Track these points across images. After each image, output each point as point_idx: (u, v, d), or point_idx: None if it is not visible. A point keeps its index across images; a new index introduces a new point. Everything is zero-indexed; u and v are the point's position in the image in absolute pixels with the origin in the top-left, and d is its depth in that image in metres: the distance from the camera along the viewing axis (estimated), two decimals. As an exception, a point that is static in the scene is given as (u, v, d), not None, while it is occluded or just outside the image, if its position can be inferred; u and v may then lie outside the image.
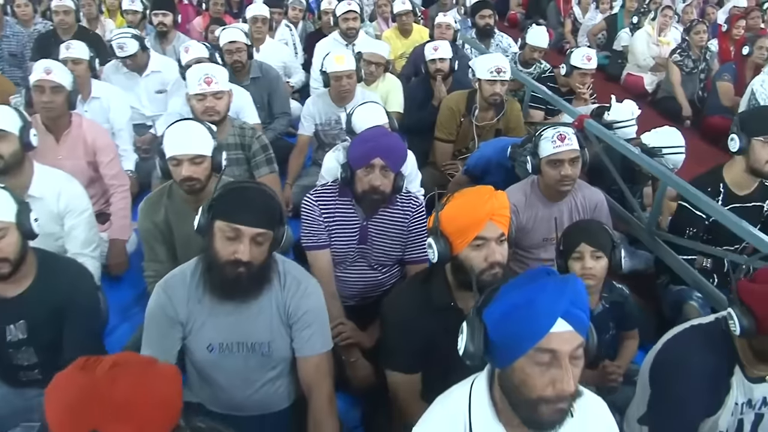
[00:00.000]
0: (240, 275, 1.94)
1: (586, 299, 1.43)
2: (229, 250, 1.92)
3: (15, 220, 2.10)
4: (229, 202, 1.96)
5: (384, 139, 2.65)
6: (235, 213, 1.92)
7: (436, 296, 2.09)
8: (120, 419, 1.20)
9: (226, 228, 1.91)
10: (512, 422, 1.49)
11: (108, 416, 1.20)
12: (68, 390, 1.24)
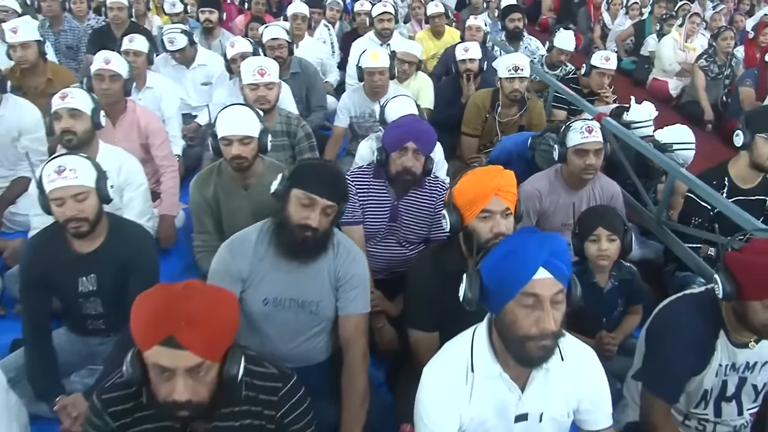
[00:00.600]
0: (307, 239, 2.24)
1: (567, 254, 1.70)
2: (301, 215, 2.22)
3: (95, 185, 2.42)
4: (309, 175, 2.27)
5: (416, 125, 2.94)
6: (313, 185, 2.23)
7: (450, 263, 2.36)
8: (192, 327, 1.49)
9: (303, 196, 2.22)
10: (507, 363, 1.76)
11: (182, 324, 1.49)
12: (150, 303, 1.54)
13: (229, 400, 1.64)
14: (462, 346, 1.82)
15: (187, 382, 1.50)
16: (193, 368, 1.50)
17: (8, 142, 3.90)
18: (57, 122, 3.10)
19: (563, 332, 1.72)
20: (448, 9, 6.82)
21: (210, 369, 1.55)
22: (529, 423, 1.82)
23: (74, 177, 2.37)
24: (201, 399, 1.53)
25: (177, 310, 1.50)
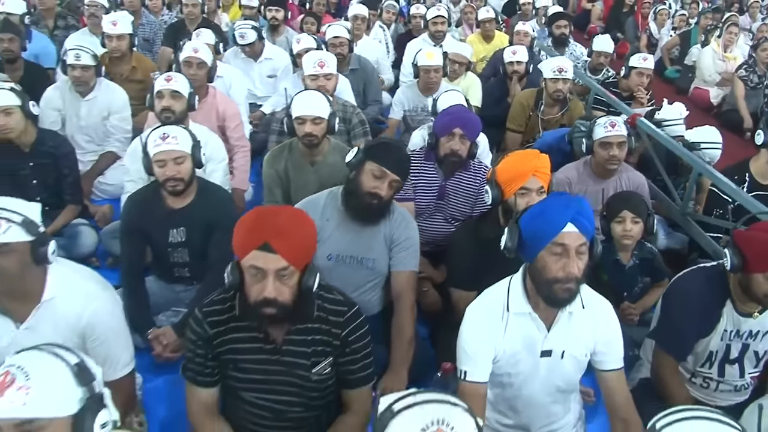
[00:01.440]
0: (373, 205, 2.67)
1: (591, 214, 2.06)
2: (372, 184, 2.65)
3: (191, 152, 2.86)
4: (384, 151, 2.69)
5: (463, 113, 3.34)
6: (386, 160, 2.65)
7: (488, 231, 2.74)
8: (282, 237, 1.89)
9: (376, 169, 2.64)
10: (538, 305, 2.12)
11: (274, 233, 1.89)
12: (251, 218, 1.96)
13: (304, 313, 2.03)
14: (500, 290, 2.19)
15: (275, 283, 1.89)
16: (280, 270, 1.89)
17: (99, 120, 4.40)
18: (159, 100, 3.56)
19: (585, 281, 2.07)
20: (498, 14, 7.18)
21: (293, 275, 1.93)
22: (552, 359, 2.17)
23: (175, 143, 2.82)
24: (285, 300, 1.91)
25: (272, 222, 1.92)
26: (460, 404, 1.36)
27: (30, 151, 3.57)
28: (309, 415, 2.16)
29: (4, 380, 1.36)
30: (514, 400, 2.24)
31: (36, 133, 3.58)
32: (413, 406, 1.33)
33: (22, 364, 1.40)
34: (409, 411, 1.33)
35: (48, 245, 2.09)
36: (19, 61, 4.89)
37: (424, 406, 1.33)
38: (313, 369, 2.09)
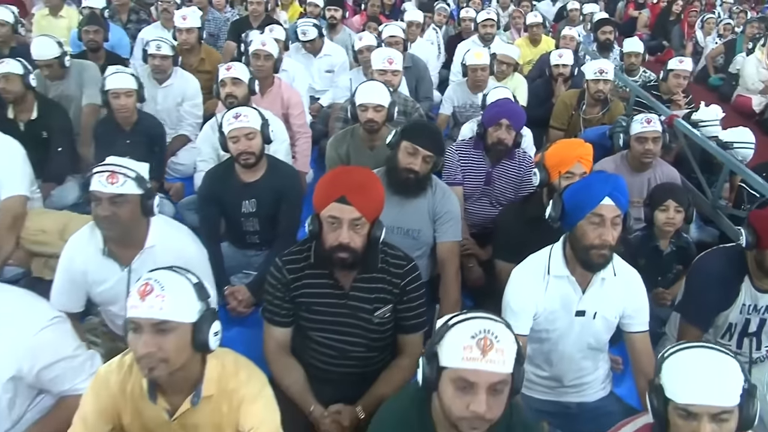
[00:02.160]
0: (410, 179, 2.99)
1: (626, 191, 2.36)
2: (408, 160, 2.96)
3: (260, 129, 3.22)
4: (417, 130, 3.02)
5: (509, 105, 3.66)
6: (418, 138, 2.97)
7: (531, 210, 3.04)
8: (357, 191, 2.24)
9: (409, 147, 2.96)
10: (575, 269, 2.42)
11: (350, 188, 2.24)
12: (331, 176, 2.34)
13: (370, 262, 2.37)
14: (542, 256, 2.49)
15: (348, 231, 2.23)
16: (354, 220, 2.23)
17: (173, 106, 4.82)
18: (222, 88, 3.96)
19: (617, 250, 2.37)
20: (545, 19, 7.45)
21: (364, 226, 2.27)
22: (585, 318, 2.46)
23: (247, 121, 3.19)
24: (356, 246, 2.25)
25: (349, 179, 2.28)
26: (501, 320, 1.68)
27: (130, 130, 4.04)
28: (369, 355, 2.49)
29: (144, 289, 1.72)
30: (550, 354, 2.54)
31: (138, 115, 4.03)
32: (465, 320, 1.66)
33: (158, 278, 1.75)
34: (461, 323, 1.66)
35: (154, 199, 2.47)
36: (102, 50, 5.35)
37: (473, 320, 1.66)
38: (374, 313, 2.42)
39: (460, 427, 1.66)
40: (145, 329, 1.71)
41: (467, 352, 1.62)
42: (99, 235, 2.53)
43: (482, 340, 1.62)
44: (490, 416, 1.63)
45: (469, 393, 1.62)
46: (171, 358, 1.73)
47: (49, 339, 2.09)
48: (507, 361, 1.64)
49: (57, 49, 4.59)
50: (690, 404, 1.64)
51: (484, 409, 1.61)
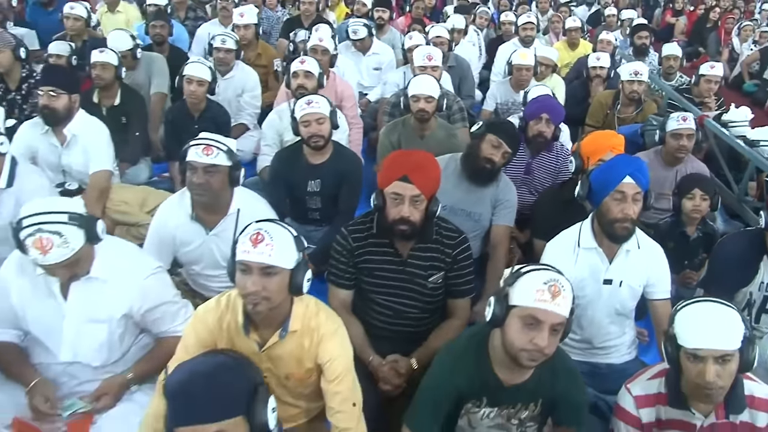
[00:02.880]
0: (486, 169, 3.34)
1: (647, 172, 2.67)
2: (490, 151, 3.33)
3: (329, 115, 3.57)
4: (504, 127, 3.40)
5: (550, 100, 3.99)
6: (504, 134, 3.33)
7: (567, 194, 3.34)
8: (417, 171, 2.57)
9: (495, 140, 3.31)
10: (602, 242, 2.74)
11: (412, 168, 2.57)
12: (395, 157, 2.69)
13: (426, 234, 2.70)
14: (573, 231, 2.81)
15: (409, 207, 2.56)
16: (414, 197, 2.56)
17: (233, 96, 5.20)
18: (294, 79, 4.32)
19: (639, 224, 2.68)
20: (583, 24, 7.73)
21: (422, 202, 2.60)
22: (612, 287, 2.77)
23: (318, 107, 3.54)
24: (415, 220, 2.59)
25: (411, 160, 2.63)
26: (564, 274, 2.02)
27: (198, 117, 4.44)
28: (422, 316, 2.82)
29: (256, 237, 2.06)
30: (580, 319, 2.84)
31: (206, 103, 4.42)
32: (538, 270, 2.01)
33: (268, 229, 2.09)
34: (535, 271, 2.01)
35: (240, 171, 2.84)
36: (166, 44, 5.77)
37: (545, 270, 2.02)
38: (429, 279, 2.76)
39: (520, 359, 2.00)
40: (254, 271, 2.06)
41: (539, 294, 1.96)
42: (188, 201, 2.91)
43: (552, 287, 1.96)
44: (548, 351, 1.98)
45: (534, 329, 1.96)
46: (272, 297, 2.08)
47: (155, 284, 2.47)
48: (567, 307, 1.98)
49: (131, 42, 5.04)
50: (698, 348, 1.95)
51: (545, 344, 1.94)
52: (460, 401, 2.19)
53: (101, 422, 2.35)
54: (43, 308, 2.39)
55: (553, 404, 2.18)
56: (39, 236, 2.16)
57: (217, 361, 1.79)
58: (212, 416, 1.52)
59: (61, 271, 2.27)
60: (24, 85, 4.71)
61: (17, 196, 3.00)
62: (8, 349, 2.47)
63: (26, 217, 2.20)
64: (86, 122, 3.83)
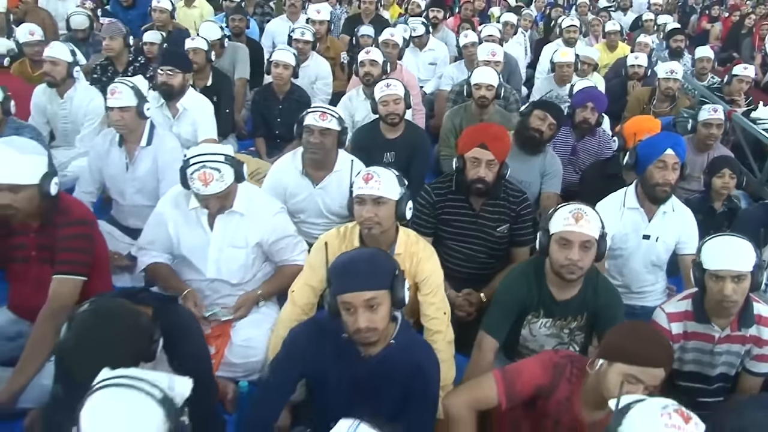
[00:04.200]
0: (535, 138, 3.95)
1: (684, 146, 3.24)
2: (537, 123, 3.95)
3: (404, 96, 4.15)
4: (547, 103, 4.10)
5: (594, 91, 4.58)
6: (548, 108, 3.99)
7: (611, 168, 3.92)
8: (493, 140, 3.18)
9: (541, 114, 3.96)
10: (644, 203, 3.30)
11: (489, 137, 3.18)
12: (476, 128, 3.31)
13: (496, 192, 3.29)
14: (619, 193, 3.39)
15: (485, 169, 3.16)
16: (489, 161, 3.16)
17: (308, 84, 5.80)
18: (362, 68, 4.92)
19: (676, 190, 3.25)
20: (623, 28, 8.26)
21: (496, 165, 3.20)
22: (650, 242, 3.34)
23: (395, 89, 4.13)
24: (489, 180, 3.19)
25: (488, 131, 3.25)
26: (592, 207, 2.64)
27: (283, 98, 5.06)
28: (489, 261, 3.42)
29: (367, 176, 2.68)
30: (622, 267, 3.42)
31: (290, 86, 5.05)
32: (566, 205, 2.63)
33: (376, 170, 2.71)
34: (564, 206, 2.65)
35: (346, 135, 3.45)
36: (243, 36, 6.42)
37: (571, 203, 2.66)
38: (497, 229, 3.35)
39: (562, 274, 2.59)
40: (368, 202, 2.67)
41: (566, 220, 2.55)
42: (299, 160, 3.54)
43: (576, 213, 2.55)
44: (581, 264, 2.56)
45: (567, 248, 2.55)
46: (383, 222, 2.69)
47: (280, 221, 3.10)
48: (593, 228, 2.56)
49: (219, 32, 5.71)
50: (719, 269, 2.50)
51: (577, 258, 2.53)
52: (522, 312, 2.77)
53: (239, 326, 2.98)
54: (194, 236, 3.03)
55: (595, 317, 2.75)
56: (203, 171, 2.79)
57: (371, 250, 2.40)
58: (369, 285, 2.10)
59: (214, 202, 2.90)
60: (130, 67, 5.37)
61: (154, 154, 3.67)
62: (165, 268, 3.11)
63: (193, 156, 2.83)
64: (195, 98, 4.49)
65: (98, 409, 1.49)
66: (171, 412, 1.53)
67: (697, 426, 1.57)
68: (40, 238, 2.80)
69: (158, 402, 1.52)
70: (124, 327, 1.88)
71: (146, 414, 1.50)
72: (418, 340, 2.40)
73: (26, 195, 2.65)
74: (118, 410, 1.49)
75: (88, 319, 1.88)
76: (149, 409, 1.50)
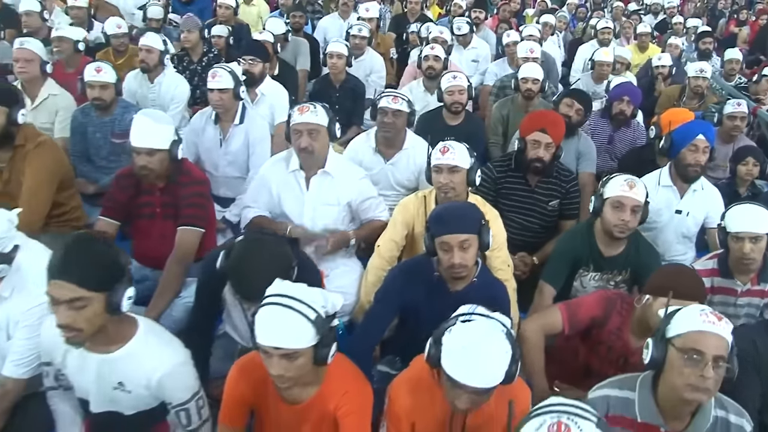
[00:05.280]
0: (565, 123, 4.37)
1: (713, 133, 3.72)
2: (565, 110, 4.40)
3: (467, 87, 4.66)
4: (577, 91, 4.56)
5: (630, 86, 5.09)
6: (576, 95, 4.47)
7: (647, 153, 4.40)
8: (551, 125, 3.69)
9: (569, 101, 4.46)
10: (677, 182, 3.79)
11: (548, 123, 3.70)
12: (537, 114, 3.89)
13: (550, 171, 3.78)
14: (655, 173, 3.86)
15: (544, 150, 3.66)
16: (548, 143, 3.66)
17: (363, 76, 6.29)
18: (425, 61, 5.42)
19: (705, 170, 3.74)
20: (653, 30, 8.72)
21: (553, 148, 3.70)
22: (681, 216, 3.82)
23: (461, 81, 4.64)
24: (546, 160, 3.69)
25: (547, 117, 3.78)
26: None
27: (339, 86, 5.59)
28: (541, 231, 3.91)
29: (444, 148, 3.20)
30: (655, 238, 3.86)
31: (346, 75, 5.57)
32: (618, 175, 3.09)
33: (452, 144, 3.22)
34: (617, 176, 3.10)
35: (414, 117, 3.98)
36: (301, 31, 6.96)
37: (623, 174, 3.09)
38: (549, 203, 3.86)
39: (614, 232, 3.10)
40: (444, 171, 3.18)
41: (621, 187, 3.07)
42: (372, 139, 4.06)
43: (629, 182, 3.08)
44: (630, 225, 3.07)
45: (620, 210, 3.05)
46: (457, 188, 3.21)
47: (366, 184, 3.62)
48: (641, 195, 3.08)
49: (284, 27, 6.24)
50: (739, 231, 2.99)
51: (629, 219, 3.04)
52: (575, 266, 3.28)
53: (332, 276, 3.48)
54: (292, 195, 3.55)
55: (637, 273, 3.24)
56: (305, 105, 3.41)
57: (464, 203, 2.98)
58: (463, 229, 2.59)
59: (312, 161, 3.43)
60: (204, 58, 5.91)
61: (246, 131, 4.20)
62: (266, 218, 3.60)
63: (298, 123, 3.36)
64: (272, 85, 5.02)
65: (265, 322, 1.99)
66: (320, 326, 2.01)
67: (727, 324, 2.01)
68: (165, 196, 3.34)
69: (311, 322, 2.00)
70: (277, 252, 2.41)
71: (301, 330, 1.99)
72: (494, 280, 2.90)
73: (159, 158, 3.20)
74: (281, 326, 1.98)
75: (248, 246, 2.41)
76: (304, 326, 1.99)
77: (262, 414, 2.29)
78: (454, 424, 2.16)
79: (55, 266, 2.04)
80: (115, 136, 4.31)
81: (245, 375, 2.21)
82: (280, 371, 1.97)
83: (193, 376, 2.30)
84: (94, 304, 2.06)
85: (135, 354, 2.22)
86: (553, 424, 1.62)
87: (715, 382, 1.96)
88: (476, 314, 2.07)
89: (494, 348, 1.99)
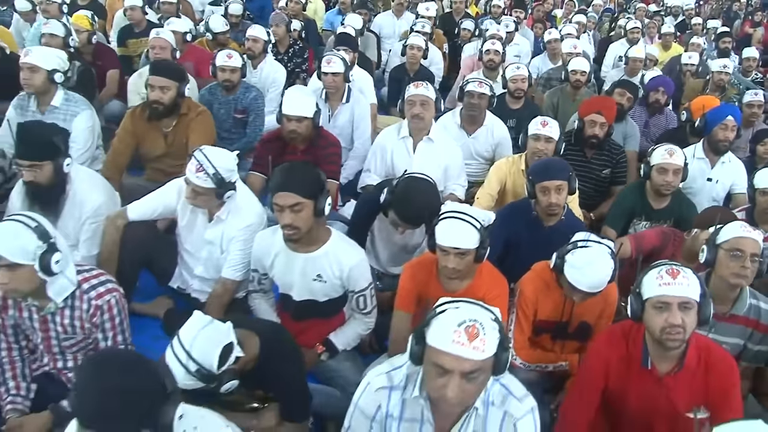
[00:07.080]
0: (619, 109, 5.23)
1: (740, 115, 4.61)
2: (617, 99, 5.25)
3: (527, 76, 5.53)
4: (626, 81, 5.47)
5: (664, 78, 5.97)
6: (625, 86, 5.36)
7: (679, 135, 5.25)
8: (607, 108, 4.57)
9: (620, 90, 5.32)
10: (709, 154, 4.66)
11: (603, 107, 4.57)
12: (594, 99, 4.71)
13: (603, 145, 4.63)
14: (690, 148, 4.71)
15: (599, 128, 4.52)
16: (602, 123, 4.52)
17: (424, 68, 7.19)
18: (487, 55, 6.27)
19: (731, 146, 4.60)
20: (676, 30, 9.57)
21: (606, 126, 4.56)
22: (711, 183, 4.67)
23: (523, 71, 5.52)
24: (601, 137, 4.55)
25: (602, 102, 4.65)
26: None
27: (413, 75, 6.44)
28: (595, 194, 4.77)
29: (544, 122, 4.07)
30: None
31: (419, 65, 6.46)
32: (660, 145, 3.96)
33: (547, 119, 4.09)
34: (658, 146, 3.95)
35: (495, 99, 4.85)
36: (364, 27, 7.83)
37: (664, 145, 3.96)
38: (602, 172, 4.73)
39: (661, 191, 3.96)
40: (541, 140, 4.07)
41: (663, 155, 3.90)
42: (458, 116, 4.92)
43: (669, 151, 3.91)
44: (674, 185, 3.92)
45: (663, 174, 3.91)
46: (549, 154, 4.06)
47: (458, 153, 4.48)
48: (679, 159, 3.91)
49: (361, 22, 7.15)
50: (764, 187, 3.84)
51: (671, 180, 3.90)
52: (630, 216, 4.14)
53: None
54: (402, 159, 4.40)
55: (679, 221, 4.06)
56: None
57: (557, 158, 3.88)
58: (560, 176, 3.42)
59: (422, 126, 4.31)
60: (290, 49, 6.78)
61: (351, 108, 5.07)
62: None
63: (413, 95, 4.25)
64: (359, 71, 5.90)
65: (447, 229, 2.80)
66: (482, 233, 2.84)
67: (760, 233, 2.89)
68: (305, 156, 4.19)
69: (477, 230, 2.83)
70: (431, 188, 3.31)
71: (472, 235, 2.80)
72: (576, 218, 3.75)
73: (307, 123, 4.08)
74: (458, 231, 2.81)
75: (410, 183, 3.32)
76: (473, 233, 2.80)
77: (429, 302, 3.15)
78: (565, 309, 3.03)
79: (278, 183, 2.88)
80: (237, 112, 5.15)
81: (415, 272, 3.07)
82: (454, 265, 2.83)
83: (369, 269, 3.17)
84: (307, 209, 2.87)
85: (331, 252, 3.06)
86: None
87: (752, 272, 2.82)
88: (591, 241, 2.92)
89: (605, 265, 2.85)
